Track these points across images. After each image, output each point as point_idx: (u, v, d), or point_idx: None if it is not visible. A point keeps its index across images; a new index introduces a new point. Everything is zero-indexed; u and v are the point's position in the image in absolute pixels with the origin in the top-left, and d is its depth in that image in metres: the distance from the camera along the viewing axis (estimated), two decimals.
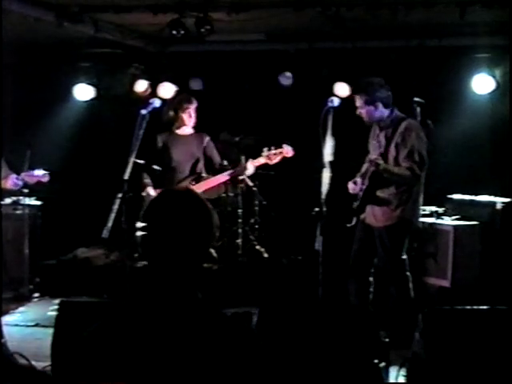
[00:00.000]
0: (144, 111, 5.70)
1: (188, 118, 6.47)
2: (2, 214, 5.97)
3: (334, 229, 5.24)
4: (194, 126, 6.59)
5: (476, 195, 6.98)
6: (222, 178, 6.53)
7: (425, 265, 6.57)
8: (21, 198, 7.03)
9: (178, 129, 6.54)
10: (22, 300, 6.95)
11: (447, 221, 6.67)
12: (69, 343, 3.93)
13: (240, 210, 8.04)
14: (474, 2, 6.49)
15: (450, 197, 7.09)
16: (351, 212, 5.59)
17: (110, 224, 5.13)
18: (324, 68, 8.47)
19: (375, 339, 4.06)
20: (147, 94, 8.43)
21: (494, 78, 7.95)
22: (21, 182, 6.67)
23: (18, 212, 7.07)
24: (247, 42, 8.43)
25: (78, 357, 2.00)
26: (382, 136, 5.46)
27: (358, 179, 5.58)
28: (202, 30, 6.90)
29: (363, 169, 5.66)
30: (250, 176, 6.97)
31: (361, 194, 5.53)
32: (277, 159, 6.41)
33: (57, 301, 4.59)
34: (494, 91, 7.98)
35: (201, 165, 6.56)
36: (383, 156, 5.36)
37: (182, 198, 2.08)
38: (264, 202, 8.34)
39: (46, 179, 6.73)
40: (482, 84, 8.00)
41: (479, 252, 6.53)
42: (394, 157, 5.37)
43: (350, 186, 5.60)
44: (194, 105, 6.48)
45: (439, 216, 6.76)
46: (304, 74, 8.59)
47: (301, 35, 8.21)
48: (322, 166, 5.03)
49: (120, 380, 1.92)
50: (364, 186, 5.50)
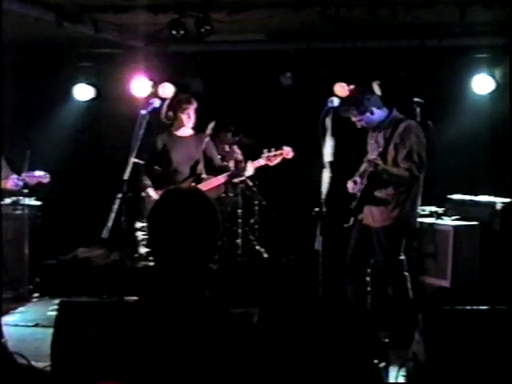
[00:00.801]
0: (144, 111, 5.70)
1: (187, 118, 6.43)
2: (2, 214, 5.98)
3: (333, 229, 5.23)
4: (193, 127, 6.57)
5: (476, 195, 6.98)
6: (221, 179, 6.52)
7: (425, 265, 6.57)
8: (21, 198, 7.03)
9: (177, 130, 6.51)
10: (21, 300, 6.95)
11: (447, 221, 6.67)
12: (69, 343, 3.93)
13: (240, 210, 8.04)
14: (473, 2, 6.49)
15: (449, 197, 7.08)
16: (349, 212, 5.60)
17: (110, 224, 5.12)
18: (324, 68, 8.46)
19: (375, 339, 4.07)
20: (147, 94, 8.43)
21: (494, 78, 7.95)
22: (21, 183, 6.69)
23: (18, 212, 7.06)
24: (247, 42, 8.43)
25: (85, 353, 2.01)
26: (381, 136, 5.46)
27: (358, 178, 5.58)
28: (202, 30, 6.90)
29: (361, 168, 5.66)
30: (249, 176, 6.95)
31: (359, 194, 5.54)
32: (277, 160, 6.38)
33: (57, 301, 4.59)
34: (494, 91, 7.98)
35: (201, 166, 6.53)
36: (382, 156, 5.36)
37: (188, 197, 2.09)
38: (264, 202, 8.35)
39: (46, 180, 6.74)
40: (482, 84, 8.01)
41: (479, 252, 6.52)
42: (393, 157, 5.37)
43: (350, 185, 5.60)
44: (194, 105, 6.44)
45: (439, 216, 6.76)
46: (304, 74, 8.59)
47: (301, 35, 8.21)
48: (322, 166, 5.02)
49: (128, 378, 1.92)
50: (363, 186, 5.51)
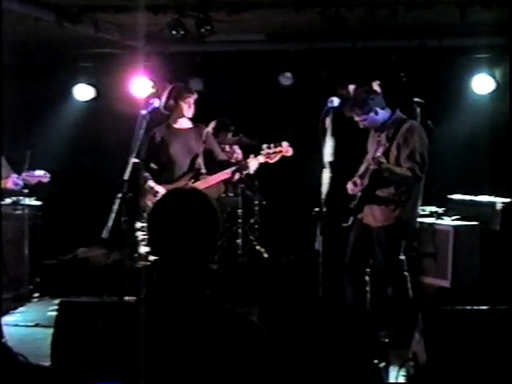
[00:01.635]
0: (144, 111, 5.69)
1: (187, 108, 6.28)
2: (1, 214, 5.98)
3: (333, 229, 5.24)
4: (192, 119, 6.47)
5: (476, 195, 6.97)
6: (224, 175, 6.27)
7: (425, 265, 6.57)
8: (21, 198, 7.03)
9: (175, 122, 6.33)
10: (22, 300, 6.95)
11: (447, 221, 6.66)
12: (69, 343, 3.93)
13: (240, 210, 8.04)
14: (474, 2, 6.49)
15: (450, 197, 7.08)
16: (348, 211, 5.60)
17: (110, 224, 5.11)
18: (324, 68, 8.47)
19: (375, 339, 4.07)
20: (147, 94, 8.43)
21: (494, 78, 7.95)
22: (21, 182, 6.68)
23: (18, 212, 7.06)
24: (247, 42, 8.43)
25: (86, 353, 2.01)
26: (384, 136, 5.45)
27: (358, 180, 5.58)
28: (202, 30, 6.89)
29: (361, 169, 5.65)
30: (251, 174, 6.81)
31: (359, 194, 5.53)
32: (276, 158, 6.29)
33: (57, 301, 4.60)
34: (494, 91, 7.98)
35: (199, 160, 6.35)
36: (384, 156, 5.35)
37: (189, 197, 2.10)
38: (264, 202, 8.35)
39: (46, 179, 6.74)
40: (482, 84, 8.01)
41: (479, 252, 6.52)
42: (395, 157, 5.36)
43: (350, 186, 5.59)
44: (194, 96, 6.33)
45: (439, 216, 6.76)
46: (304, 74, 8.59)
47: (301, 35, 8.21)
48: (322, 166, 5.02)
49: (129, 378, 1.93)
50: (363, 186, 5.50)
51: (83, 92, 8.94)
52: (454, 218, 6.71)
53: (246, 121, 8.59)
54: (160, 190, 6.07)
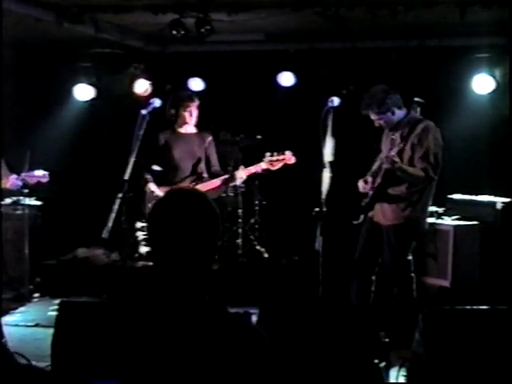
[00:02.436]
0: (144, 111, 5.69)
1: (189, 116, 6.37)
2: (1, 214, 5.97)
3: (334, 229, 5.23)
4: (196, 125, 6.53)
5: (476, 195, 6.97)
6: (215, 182, 6.36)
7: (425, 265, 6.56)
8: (21, 198, 7.03)
9: (180, 127, 6.47)
10: (22, 300, 6.95)
11: (447, 221, 6.66)
12: (69, 343, 3.93)
13: (240, 210, 8.04)
14: (474, 2, 6.49)
15: (450, 197, 7.08)
16: (359, 209, 5.57)
17: (110, 224, 5.12)
18: (324, 68, 8.46)
19: (375, 339, 4.07)
20: (147, 94, 8.43)
21: (494, 78, 7.95)
22: (21, 182, 6.69)
23: (18, 212, 7.06)
24: (247, 42, 8.43)
25: (85, 355, 2.01)
26: (398, 135, 5.41)
27: (369, 178, 5.55)
28: (202, 31, 6.89)
29: (374, 167, 5.63)
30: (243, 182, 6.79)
31: (371, 192, 5.50)
32: (278, 166, 6.27)
33: (57, 301, 4.59)
34: (494, 91, 7.97)
35: (202, 165, 6.45)
36: (398, 155, 5.31)
37: (189, 198, 2.09)
38: (264, 202, 8.35)
39: (46, 179, 6.74)
40: (482, 84, 8.00)
41: (479, 252, 6.52)
42: (409, 157, 5.31)
43: (361, 184, 5.56)
44: (196, 103, 6.38)
45: (439, 216, 6.75)
46: (304, 74, 8.59)
47: (301, 35, 8.21)
48: (322, 166, 5.02)
49: (128, 379, 1.92)
50: (375, 184, 5.47)
51: (83, 92, 8.93)
52: (454, 217, 6.71)
53: (247, 121, 8.58)
54: (160, 194, 6.09)
